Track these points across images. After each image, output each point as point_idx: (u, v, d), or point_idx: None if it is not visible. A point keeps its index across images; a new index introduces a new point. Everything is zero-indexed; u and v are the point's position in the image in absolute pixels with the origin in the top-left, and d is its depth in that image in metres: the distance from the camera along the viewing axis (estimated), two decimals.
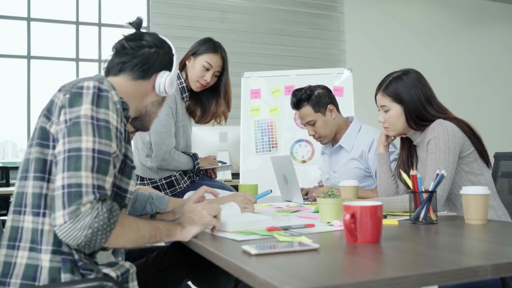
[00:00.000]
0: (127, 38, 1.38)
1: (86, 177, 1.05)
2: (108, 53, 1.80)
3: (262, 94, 3.88)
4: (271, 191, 1.92)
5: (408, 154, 1.95)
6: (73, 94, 1.14)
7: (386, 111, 1.87)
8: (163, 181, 2.40)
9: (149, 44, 1.38)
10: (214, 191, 1.70)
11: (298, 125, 3.79)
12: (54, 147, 1.12)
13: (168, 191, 2.41)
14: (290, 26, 6.19)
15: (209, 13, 5.77)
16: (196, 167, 2.46)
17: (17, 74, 5.34)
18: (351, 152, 2.40)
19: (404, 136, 1.93)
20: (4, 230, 1.17)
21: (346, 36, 6.43)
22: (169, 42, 1.45)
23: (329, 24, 6.44)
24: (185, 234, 1.25)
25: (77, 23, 5.53)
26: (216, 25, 5.69)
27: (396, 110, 1.84)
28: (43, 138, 1.14)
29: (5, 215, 4.27)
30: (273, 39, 6.05)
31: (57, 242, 1.09)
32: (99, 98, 1.14)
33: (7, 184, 4.32)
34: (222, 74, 2.42)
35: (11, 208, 1.15)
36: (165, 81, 1.39)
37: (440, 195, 1.66)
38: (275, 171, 2.39)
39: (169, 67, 1.41)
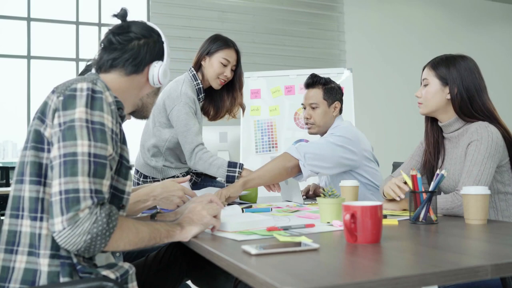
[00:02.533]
0: (114, 33, 1.34)
1: (83, 182, 1.04)
2: None
3: (262, 94, 3.88)
4: (272, 210, 1.90)
5: (435, 149, 1.84)
6: (67, 97, 1.12)
7: (426, 86, 1.79)
8: None
9: (137, 36, 1.35)
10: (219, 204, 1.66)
11: (298, 125, 3.79)
12: (49, 151, 1.11)
13: None
14: (290, 26, 6.19)
15: (209, 13, 5.77)
16: (227, 174, 2.20)
17: (17, 74, 5.34)
18: None
19: (440, 122, 1.82)
20: (2, 234, 1.16)
21: (346, 36, 6.43)
22: (158, 29, 1.41)
23: (329, 24, 6.44)
24: (184, 235, 1.24)
25: (77, 23, 5.53)
26: (216, 25, 5.69)
27: (435, 86, 1.76)
28: (38, 141, 1.12)
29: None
30: (273, 39, 6.05)
31: (55, 246, 1.08)
32: (93, 100, 1.12)
33: (7, 184, 4.33)
34: (237, 68, 2.45)
35: (8, 211, 1.14)
36: (158, 72, 1.37)
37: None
38: None
39: (160, 57, 1.39)
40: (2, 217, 1.32)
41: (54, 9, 5.48)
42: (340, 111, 2.51)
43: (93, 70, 1.38)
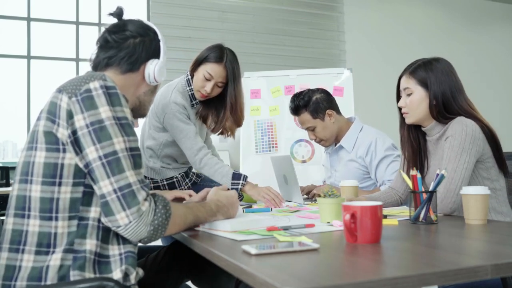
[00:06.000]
0: (110, 31, 1.35)
1: (131, 176, 1.12)
2: None
3: (262, 94, 3.88)
4: (272, 210, 1.90)
5: (417, 153, 1.83)
6: (85, 98, 1.13)
7: (409, 95, 1.77)
8: (165, 182, 2.40)
9: (133, 34, 1.35)
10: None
11: (298, 125, 3.78)
12: (64, 151, 1.12)
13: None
14: (290, 26, 6.18)
15: (209, 13, 5.76)
16: (235, 187, 2.11)
17: (17, 74, 5.34)
18: (351, 152, 2.41)
19: (421, 127, 1.81)
20: (3, 233, 1.16)
21: (346, 36, 6.43)
22: (154, 28, 1.41)
23: (329, 24, 6.43)
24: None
25: (77, 23, 5.53)
26: (216, 25, 5.68)
27: (419, 94, 1.74)
28: (51, 142, 1.13)
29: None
30: (273, 39, 6.05)
31: (69, 242, 1.11)
32: (111, 97, 1.15)
33: (7, 184, 4.33)
34: (227, 85, 2.26)
35: (11, 211, 1.15)
36: (154, 69, 1.37)
37: (444, 195, 1.58)
38: (275, 171, 2.39)
39: (156, 55, 1.39)
40: (1, 217, 1.32)
41: (54, 9, 5.47)
42: (338, 112, 2.48)
43: (90, 69, 1.39)
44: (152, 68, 1.37)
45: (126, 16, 1.42)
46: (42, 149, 1.13)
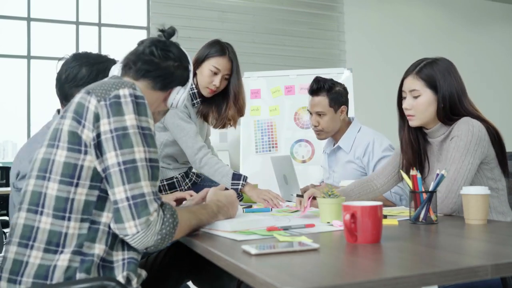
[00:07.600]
0: (157, 45, 1.39)
1: (146, 186, 1.13)
2: (108, 53, 1.79)
3: (262, 94, 3.88)
4: (272, 210, 1.90)
5: (416, 154, 1.79)
6: (113, 104, 1.14)
7: (416, 97, 1.70)
8: (165, 182, 2.40)
9: (174, 57, 1.40)
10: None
11: (298, 125, 3.79)
12: (86, 153, 1.13)
13: (168, 192, 2.41)
14: (290, 26, 6.19)
15: (209, 13, 5.77)
16: (234, 187, 2.14)
17: (17, 74, 5.34)
18: (349, 153, 2.41)
19: (424, 129, 1.77)
20: (13, 226, 1.17)
21: (346, 36, 6.43)
22: (189, 57, 1.46)
23: (329, 24, 6.44)
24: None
25: (77, 23, 5.53)
26: (216, 25, 5.68)
27: (428, 96, 1.67)
28: (74, 142, 1.14)
29: (5, 215, 4.25)
30: (273, 39, 6.05)
31: (79, 244, 1.11)
32: (138, 106, 1.17)
33: (7, 184, 4.33)
34: (231, 77, 2.32)
35: (24, 205, 1.15)
36: (180, 97, 1.42)
37: (445, 195, 1.58)
38: (275, 171, 2.39)
39: (184, 83, 1.43)
40: (1, 217, 1.32)
41: (54, 9, 5.48)
42: (347, 112, 2.49)
43: (119, 64, 1.39)
44: (178, 96, 1.41)
45: (161, 26, 1.46)
46: (64, 148, 1.14)
